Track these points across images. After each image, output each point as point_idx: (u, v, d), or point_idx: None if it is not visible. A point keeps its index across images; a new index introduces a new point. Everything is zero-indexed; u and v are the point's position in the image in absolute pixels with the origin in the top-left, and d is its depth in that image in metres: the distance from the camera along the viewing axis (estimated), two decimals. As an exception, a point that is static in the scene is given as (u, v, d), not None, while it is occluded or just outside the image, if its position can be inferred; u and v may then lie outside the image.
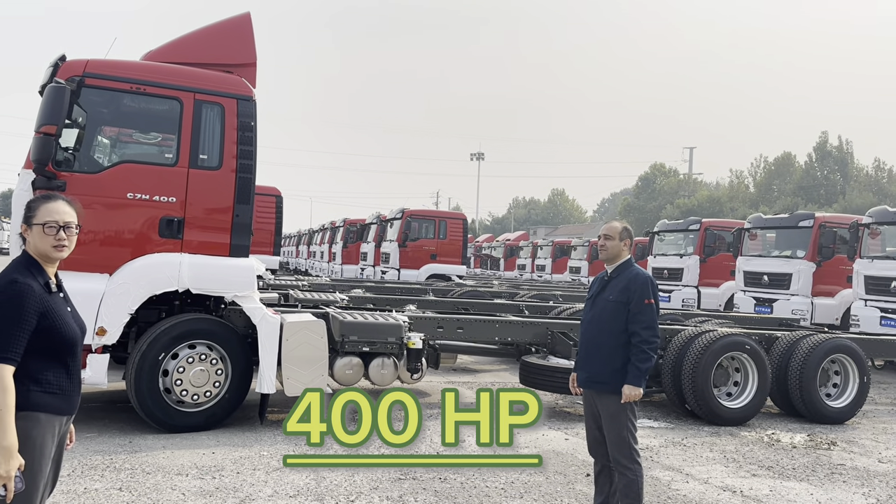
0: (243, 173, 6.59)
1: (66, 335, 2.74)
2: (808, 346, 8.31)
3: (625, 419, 4.29)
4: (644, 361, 4.25)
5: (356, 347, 6.99)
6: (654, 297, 4.36)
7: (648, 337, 4.26)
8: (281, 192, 16.66)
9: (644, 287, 4.33)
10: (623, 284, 4.37)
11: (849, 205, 48.41)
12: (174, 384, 6.30)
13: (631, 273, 4.41)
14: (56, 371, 2.70)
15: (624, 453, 4.26)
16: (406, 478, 5.45)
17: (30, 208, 2.80)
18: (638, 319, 4.28)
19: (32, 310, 2.62)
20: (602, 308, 4.45)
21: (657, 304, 4.39)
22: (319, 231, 34.76)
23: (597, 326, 4.46)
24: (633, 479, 4.25)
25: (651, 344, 4.27)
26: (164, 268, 6.33)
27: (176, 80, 6.53)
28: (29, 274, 2.69)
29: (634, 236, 6.85)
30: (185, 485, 5.05)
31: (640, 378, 4.25)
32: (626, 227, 4.60)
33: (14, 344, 2.57)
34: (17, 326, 2.58)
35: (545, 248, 37.80)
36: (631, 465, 4.26)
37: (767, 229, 16.68)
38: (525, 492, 5.30)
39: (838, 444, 7.31)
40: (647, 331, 4.26)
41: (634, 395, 4.26)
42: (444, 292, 14.99)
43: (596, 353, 4.44)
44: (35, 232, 2.77)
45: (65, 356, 2.75)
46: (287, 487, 5.09)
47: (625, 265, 4.48)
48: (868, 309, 13.38)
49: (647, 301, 4.29)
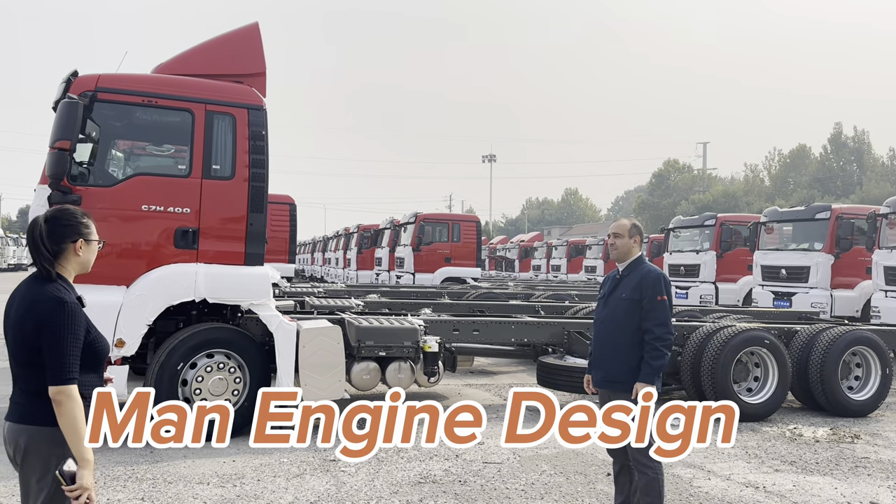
0: (256, 182, 6.63)
1: (104, 348, 2.80)
2: (828, 338, 8.23)
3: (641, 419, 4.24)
4: (656, 359, 4.21)
5: (373, 352, 7.01)
6: (667, 293, 4.32)
7: (661, 334, 4.22)
8: (294, 200, 16.75)
9: (656, 283, 4.29)
10: (635, 282, 4.34)
11: (866, 195, 47.90)
12: (193, 393, 6.35)
13: (643, 270, 4.38)
14: (94, 385, 2.74)
15: (643, 452, 4.22)
16: (426, 482, 5.45)
17: (85, 225, 2.80)
18: (651, 316, 4.25)
19: (83, 327, 2.66)
20: (615, 306, 4.41)
21: (670, 300, 4.36)
22: (334, 238, 34.91)
23: (610, 325, 4.44)
24: (654, 477, 4.22)
25: (664, 341, 4.23)
26: (181, 278, 6.38)
27: (187, 92, 6.59)
28: (66, 291, 2.70)
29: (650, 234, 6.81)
30: (206, 493, 5.08)
31: (652, 376, 4.21)
32: (636, 224, 4.57)
33: (75, 363, 2.60)
34: (75, 345, 2.61)
35: (560, 249, 37.73)
36: (650, 464, 4.22)
37: (784, 223, 16.54)
38: (546, 493, 5.29)
39: (862, 438, 7.22)
40: (659, 328, 4.23)
41: (649, 395, 4.20)
42: (460, 295, 15.00)
43: (610, 353, 4.41)
44: (92, 248, 2.82)
45: (100, 369, 2.80)
46: (308, 493, 5.10)
47: (636, 262, 4.45)
48: (889, 300, 13.22)
49: (659, 298, 4.26)
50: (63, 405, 2.54)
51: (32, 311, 2.62)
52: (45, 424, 2.60)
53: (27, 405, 2.64)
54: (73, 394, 2.56)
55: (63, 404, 2.54)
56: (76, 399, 2.57)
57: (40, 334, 2.58)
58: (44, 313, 2.60)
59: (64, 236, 2.74)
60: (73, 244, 2.76)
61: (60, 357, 2.56)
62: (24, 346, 2.61)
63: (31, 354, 2.61)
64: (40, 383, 2.60)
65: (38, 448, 2.61)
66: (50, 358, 2.56)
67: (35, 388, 2.62)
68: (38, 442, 2.61)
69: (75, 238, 2.77)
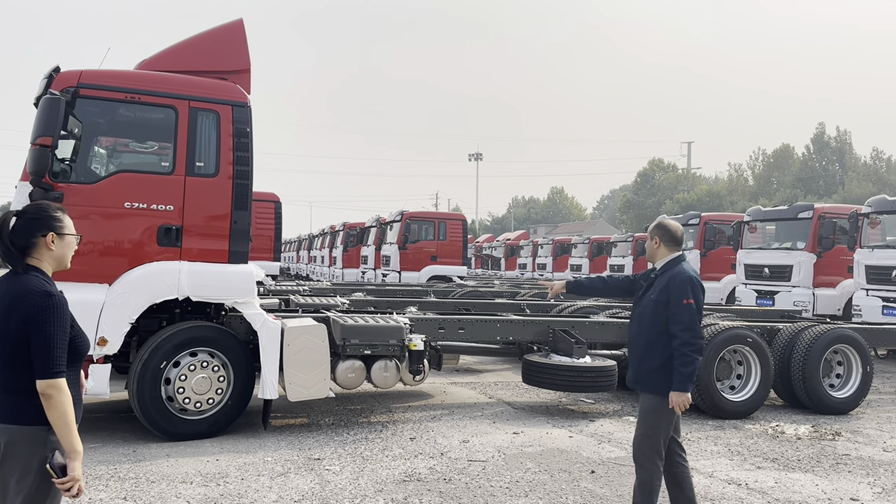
0: (240, 179, 6.59)
1: (85, 344, 2.78)
2: (809, 337, 8.30)
3: (654, 420, 4.19)
4: (686, 365, 4.08)
5: (358, 351, 6.98)
6: (695, 296, 4.16)
7: (689, 339, 4.10)
8: (279, 198, 16.66)
9: (682, 286, 4.16)
10: (664, 283, 4.26)
11: (848, 195, 48.43)
12: (176, 392, 6.30)
13: (673, 272, 4.26)
14: (73, 380, 2.71)
15: (643, 451, 4.21)
16: (411, 480, 5.44)
17: (57, 219, 2.78)
18: (677, 320, 4.13)
19: (69, 321, 2.65)
20: (644, 307, 4.35)
21: (700, 304, 4.20)
22: (319, 236, 34.76)
23: (637, 325, 4.39)
24: (647, 478, 4.18)
25: (691, 346, 4.10)
26: (164, 276, 6.33)
27: (170, 89, 6.53)
28: (52, 284, 2.68)
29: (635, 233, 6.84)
30: (189, 492, 5.05)
31: (684, 383, 4.09)
32: (658, 224, 4.47)
33: (63, 356, 2.60)
34: (63, 338, 2.61)
35: (546, 247, 37.79)
36: (646, 464, 4.19)
37: (767, 222, 16.67)
38: (530, 490, 5.30)
39: (843, 435, 7.30)
40: (686, 332, 4.10)
41: (681, 402, 4.10)
42: (446, 293, 14.98)
43: (635, 352, 4.39)
44: (66, 242, 2.80)
45: (79, 365, 2.78)
46: (291, 492, 5.08)
47: (671, 263, 4.33)
48: (870, 298, 13.38)
49: (685, 301, 4.13)
50: (53, 398, 2.55)
51: (19, 305, 2.59)
52: (27, 423, 2.58)
53: (7, 404, 2.62)
54: (62, 387, 2.57)
55: (53, 398, 2.55)
56: (66, 392, 2.58)
57: (28, 328, 2.57)
58: (32, 306, 2.58)
59: (33, 230, 2.72)
60: (43, 238, 2.74)
61: (50, 350, 2.56)
62: (7, 341, 2.58)
63: (14, 350, 2.58)
64: (22, 381, 2.58)
65: (18, 448, 2.58)
66: (39, 351, 2.56)
67: (16, 387, 2.60)
68: (18, 442, 2.58)
69: (45, 232, 2.74)
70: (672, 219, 19.64)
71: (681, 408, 4.14)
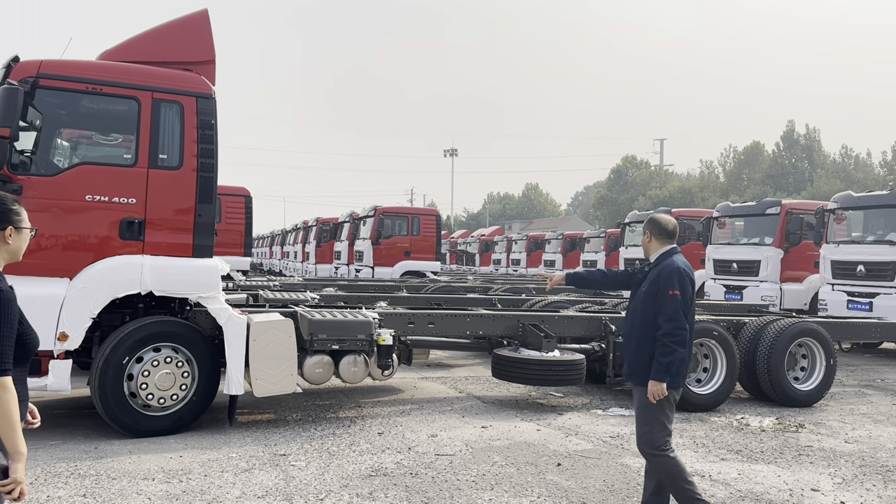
0: (204, 172, 6.50)
1: (34, 342, 2.70)
2: (775, 330, 8.42)
3: (651, 412, 4.19)
4: (665, 355, 4.10)
5: (325, 346, 6.93)
6: (682, 287, 4.17)
7: (670, 329, 4.10)
8: (250, 193, 16.49)
9: (670, 277, 4.18)
10: (654, 276, 4.29)
11: (816, 192, 49.26)
12: (139, 388, 6.20)
13: (663, 264, 4.30)
14: (19, 379, 2.63)
15: (648, 445, 4.21)
16: (377, 475, 5.41)
17: (16, 212, 2.72)
18: (661, 311, 4.16)
19: (16, 317, 2.56)
20: (637, 300, 4.38)
21: (686, 295, 4.20)
22: (292, 231, 34.52)
23: (631, 319, 4.41)
24: (665, 468, 4.19)
25: (673, 336, 4.10)
26: (126, 270, 6.22)
27: (133, 80, 6.41)
28: (2, 279, 2.59)
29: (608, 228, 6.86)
30: (151, 489, 4.97)
31: (661, 373, 4.10)
32: (651, 219, 4.49)
33: (10, 353, 2.51)
34: (10, 335, 2.52)
35: (520, 243, 37.91)
36: (657, 455, 4.19)
37: (736, 217, 16.88)
38: (496, 483, 5.30)
39: (806, 427, 7.41)
40: (668, 323, 4.11)
41: (656, 392, 4.12)
42: (418, 288, 14.94)
43: (628, 346, 4.40)
44: (23, 236, 2.74)
45: (26, 363, 2.69)
46: (255, 488, 5.03)
47: (663, 256, 4.37)
48: (835, 293, 13.61)
49: (671, 292, 4.14)
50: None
51: None
52: None
53: None
54: (8, 385, 2.48)
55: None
56: (11, 391, 2.49)
57: None
58: None
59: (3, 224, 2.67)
60: (2, 231, 2.67)
61: None
62: None
63: None
64: None
65: None
66: None
67: None
68: None
69: (4, 225, 2.68)
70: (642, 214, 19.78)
71: (654, 397, 4.16)
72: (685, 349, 4.17)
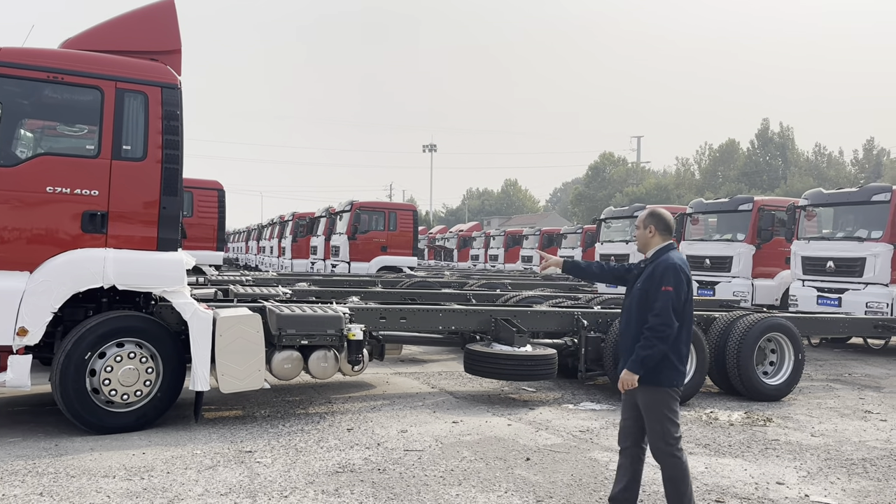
0: (169, 164, 6.37)
1: None
2: (744, 325, 8.48)
3: (660, 411, 4.15)
4: (644, 349, 4.08)
5: (294, 341, 6.84)
6: (676, 284, 4.13)
7: (656, 324, 4.07)
8: (223, 186, 16.27)
9: (664, 273, 4.15)
10: (650, 271, 4.25)
11: (790, 189, 49.85)
12: (102, 384, 6.07)
13: (658, 260, 4.26)
14: None
15: (660, 446, 4.17)
16: (344, 471, 5.35)
17: None
18: (651, 306, 4.13)
19: None
20: (633, 297, 4.33)
21: (680, 292, 4.14)
22: (269, 226, 34.23)
23: (627, 316, 4.37)
24: (673, 472, 4.16)
25: (656, 331, 4.07)
26: (88, 264, 6.08)
27: (96, 69, 6.26)
28: None
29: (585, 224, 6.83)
30: (111, 487, 4.86)
31: (636, 364, 4.10)
32: (652, 213, 4.43)
33: None
34: None
35: (498, 239, 37.99)
36: (668, 459, 4.16)
37: (709, 214, 17.01)
38: (464, 479, 5.26)
39: (774, 421, 7.47)
40: (655, 318, 4.08)
41: (626, 381, 4.13)
42: (393, 283, 14.89)
43: (624, 344, 4.35)
44: None
45: None
46: (219, 486, 4.94)
47: (659, 252, 4.33)
48: (805, 289, 13.77)
49: (663, 288, 4.11)
50: None
51: None
52: None
53: None
54: None
55: None
56: None
57: None
58: None
59: None
60: None
61: None
62: None
63: None
64: None
65: None
66: None
67: None
68: None
69: None
70: (618, 210, 19.86)
71: (622, 385, 4.17)
72: (665, 345, 4.12)
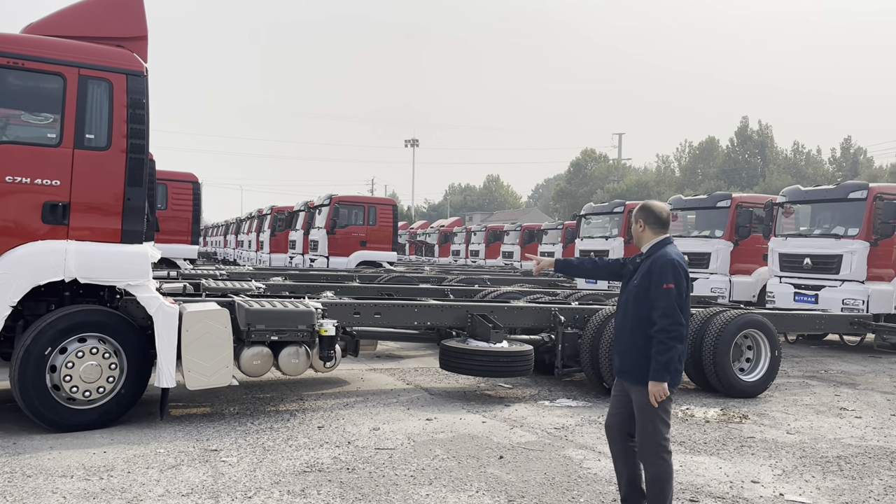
0: (134, 154, 6.18)
1: None
2: (720, 322, 8.44)
3: (652, 413, 4.02)
4: (663, 353, 3.90)
5: (264, 336, 6.68)
6: (676, 281, 3.97)
7: (666, 325, 3.91)
8: (198, 178, 16.01)
9: (663, 270, 3.99)
10: (647, 267, 4.10)
11: (768, 186, 50.27)
12: (63, 380, 5.88)
13: (656, 255, 4.10)
14: None
15: (650, 447, 4.05)
16: (312, 470, 5.21)
17: None
18: (656, 306, 3.96)
19: None
20: (629, 293, 4.19)
21: (681, 288, 4.00)
22: (247, 220, 33.88)
23: (623, 313, 4.22)
24: (657, 474, 4.04)
25: (669, 332, 3.91)
26: (48, 256, 5.88)
27: (59, 55, 6.05)
28: None
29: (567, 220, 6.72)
30: (67, 487, 4.69)
31: (661, 372, 3.91)
32: (643, 206, 4.30)
33: None
34: None
35: (479, 234, 37.94)
36: (656, 461, 4.03)
37: (687, 210, 17.02)
38: (435, 478, 5.15)
39: (749, 418, 7.44)
40: (664, 319, 3.92)
41: (657, 392, 3.93)
42: (371, 278, 14.72)
43: (620, 342, 4.22)
44: None
45: None
46: (180, 486, 4.78)
47: (655, 247, 4.18)
48: (782, 285, 13.81)
49: (665, 286, 3.94)
50: None
51: None
52: None
53: None
54: None
55: None
56: None
57: None
58: None
59: None
60: None
61: None
62: None
63: None
64: None
65: None
66: None
67: None
68: None
69: None
70: (598, 206, 19.78)
71: (656, 399, 3.95)
72: (683, 345, 4.00)
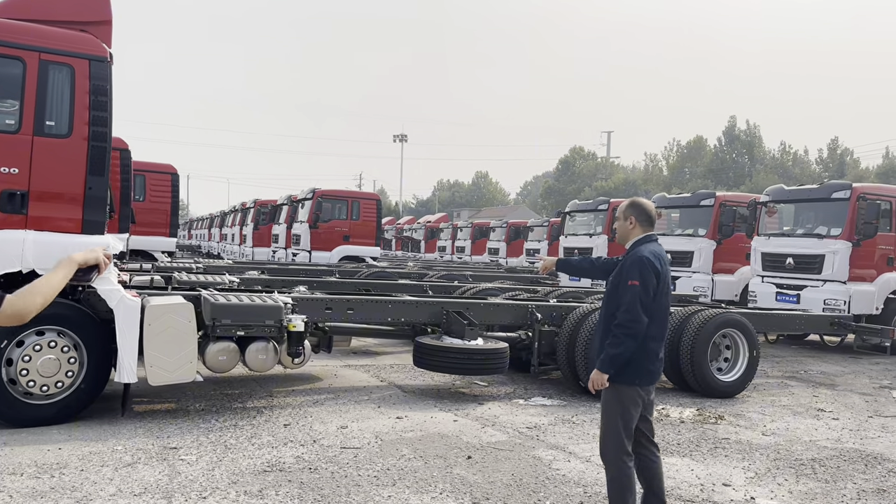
0: (96, 142, 5.99)
1: None
2: (699, 321, 8.35)
3: (615, 412, 3.94)
4: (614, 346, 3.88)
5: (230, 332, 6.51)
6: (642, 278, 3.91)
7: (623, 320, 3.88)
8: (177, 170, 15.76)
9: (631, 267, 3.96)
10: (620, 265, 4.08)
11: (755, 186, 50.36)
12: (20, 374, 5.70)
13: (631, 252, 4.07)
14: None
15: (607, 448, 3.96)
16: (272, 470, 5.06)
17: None
18: (620, 301, 3.95)
19: None
20: (607, 291, 4.18)
21: (647, 285, 3.92)
22: (231, 213, 33.59)
23: (601, 311, 4.20)
24: (615, 475, 3.95)
25: (624, 328, 3.87)
26: (6, 246, 5.69)
27: (17, 38, 5.85)
28: None
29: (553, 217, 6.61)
30: (15, 485, 4.52)
31: (605, 363, 3.90)
32: (632, 203, 4.22)
33: None
34: None
35: (465, 230, 37.77)
36: (612, 461, 3.95)
37: (671, 209, 16.95)
38: (399, 479, 5.01)
39: (725, 418, 7.35)
40: (623, 314, 3.89)
41: (595, 380, 3.94)
42: (351, 273, 14.57)
43: (597, 338, 4.18)
44: None
45: None
46: (134, 485, 4.62)
47: (635, 244, 4.12)
48: (764, 285, 13.75)
49: (630, 282, 3.92)
50: None
51: None
52: None
53: None
54: None
55: None
56: None
57: None
58: None
59: None
60: None
61: None
62: None
63: None
64: None
65: None
66: None
67: None
68: None
69: None
70: (582, 203, 19.66)
71: (592, 386, 3.97)
72: (635, 342, 3.90)
